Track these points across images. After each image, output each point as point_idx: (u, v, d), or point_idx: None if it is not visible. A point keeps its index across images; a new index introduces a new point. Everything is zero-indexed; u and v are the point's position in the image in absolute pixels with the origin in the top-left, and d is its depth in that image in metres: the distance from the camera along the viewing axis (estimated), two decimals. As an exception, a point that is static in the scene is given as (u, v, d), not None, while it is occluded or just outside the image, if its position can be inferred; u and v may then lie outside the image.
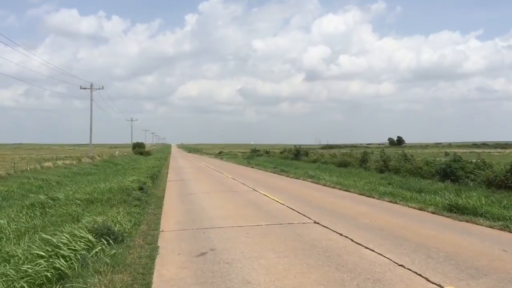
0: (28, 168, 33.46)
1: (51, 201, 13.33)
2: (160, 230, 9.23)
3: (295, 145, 56.41)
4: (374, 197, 14.21)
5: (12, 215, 11.54)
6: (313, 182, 20.12)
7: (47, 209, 12.46)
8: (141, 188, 15.81)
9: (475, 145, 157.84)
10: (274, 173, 27.91)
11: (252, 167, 35.25)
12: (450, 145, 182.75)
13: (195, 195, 15.62)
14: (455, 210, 10.91)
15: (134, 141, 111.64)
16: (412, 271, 5.89)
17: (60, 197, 13.96)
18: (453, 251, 6.96)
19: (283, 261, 6.52)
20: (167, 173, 29.66)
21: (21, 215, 11.57)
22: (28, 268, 5.08)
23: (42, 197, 14.40)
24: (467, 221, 9.80)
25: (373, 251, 7.01)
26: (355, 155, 36.67)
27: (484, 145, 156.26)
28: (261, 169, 31.88)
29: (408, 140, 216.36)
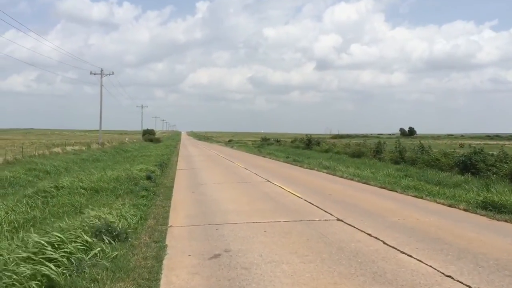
0: (36, 154, 32.97)
1: (54, 190, 12.61)
2: (169, 226, 8.42)
3: (306, 135, 55.19)
4: (396, 191, 13.28)
5: (12, 205, 10.82)
6: (329, 173, 19.21)
7: (50, 199, 11.73)
8: (149, 177, 15.04)
9: (488, 136, 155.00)
10: (287, 163, 27.03)
11: (263, 156, 34.38)
12: (462, 136, 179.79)
13: (206, 186, 14.81)
14: (490, 208, 9.96)
15: (145, 128, 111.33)
16: (464, 285, 4.99)
17: (64, 185, 13.23)
18: (503, 258, 6.04)
19: (309, 267, 5.66)
20: (176, 161, 28.92)
21: (20, 204, 10.84)
22: (9, 274, 4.26)
23: (46, 184, 13.69)
24: (506, 221, 8.85)
25: (411, 256, 6.12)
26: (369, 146, 35.76)
27: (497, 136, 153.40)
28: (273, 159, 31.00)
29: (419, 130, 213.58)
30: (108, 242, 6.16)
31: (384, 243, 6.89)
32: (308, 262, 5.88)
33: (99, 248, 5.70)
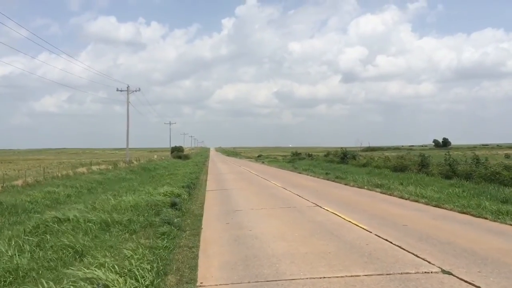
0: (59, 174, 31.24)
1: (55, 225, 10.17)
2: (198, 285, 5.77)
3: (341, 148, 52.00)
4: (487, 218, 10.31)
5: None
6: (384, 193, 16.26)
7: (50, 236, 9.29)
8: (174, 204, 12.46)
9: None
10: (327, 179, 24.14)
11: (299, 173, 31.51)
12: (498, 146, 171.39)
13: (242, 213, 12.13)
14: None
15: (173, 144, 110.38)
16: None
17: (70, 217, 10.79)
18: None
19: None
20: (206, 180, 26.44)
21: (13, 245, 8.44)
22: None
23: (48, 216, 11.31)
24: None
25: None
26: (412, 159, 32.76)
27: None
28: (311, 175, 28.11)
29: (452, 141, 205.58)
30: None
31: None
32: None
33: None
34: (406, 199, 14.47)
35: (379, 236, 8.36)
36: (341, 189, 18.73)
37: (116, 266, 5.92)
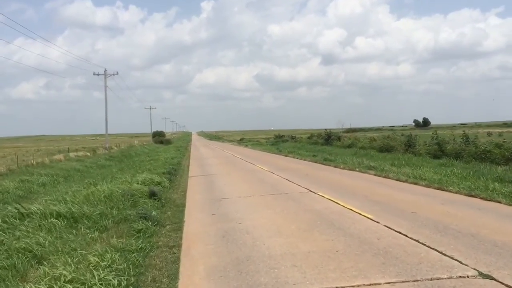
0: (34, 162, 29.53)
1: (17, 220, 8.80)
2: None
3: (325, 129, 51.01)
4: (500, 202, 9.34)
5: None
6: (379, 176, 15.24)
7: (5, 235, 7.94)
8: (153, 194, 11.15)
9: (505, 124, 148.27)
10: (315, 162, 23.07)
11: (285, 155, 30.39)
12: (476, 125, 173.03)
13: (229, 202, 10.90)
14: None
15: (154, 129, 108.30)
16: None
17: (33, 210, 9.40)
18: None
19: None
20: (188, 165, 25.09)
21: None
22: None
23: (9, 210, 9.90)
24: None
25: None
26: (398, 139, 32.20)
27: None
28: (297, 158, 27.00)
29: (431, 121, 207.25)
30: None
31: None
32: None
33: None
34: (403, 182, 13.47)
35: (389, 228, 7.25)
36: (331, 172, 17.64)
37: (73, 281, 4.65)
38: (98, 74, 53.55)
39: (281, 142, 58.72)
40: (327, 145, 40.63)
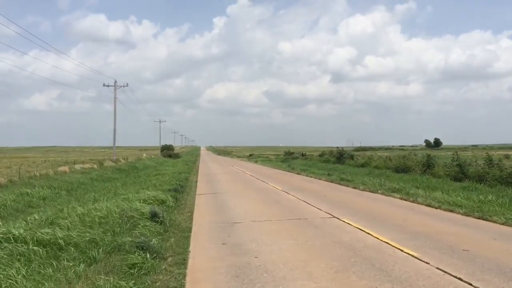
0: (37, 174, 28.40)
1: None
2: None
3: (337, 147, 49.51)
4: None
5: None
6: (405, 200, 13.77)
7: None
8: (154, 215, 9.77)
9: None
10: (331, 181, 21.60)
11: (297, 173, 28.93)
12: (488, 147, 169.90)
13: (242, 228, 9.48)
14: None
15: (163, 143, 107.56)
16: None
17: (16, 234, 8.07)
18: None
19: None
20: (196, 181, 23.73)
21: None
22: None
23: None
24: None
25: None
26: (415, 159, 30.66)
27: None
28: (311, 177, 25.53)
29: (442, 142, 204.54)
30: None
31: None
32: None
33: None
34: (436, 208, 11.98)
35: (445, 272, 5.79)
36: (352, 194, 16.15)
37: None
38: (108, 86, 52.92)
39: (290, 159, 57.36)
40: (339, 164, 39.22)
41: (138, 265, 6.08)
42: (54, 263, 6.31)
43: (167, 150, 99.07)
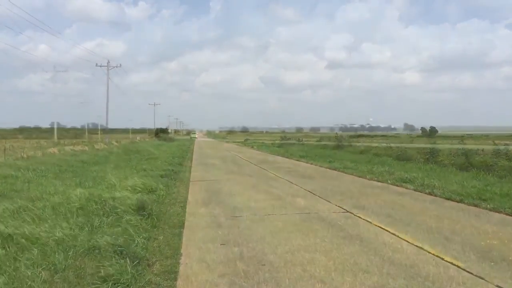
0: (24, 156, 26.97)
1: None
2: None
3: (336, 133, 48.42)
4: None
5: None
6: (420, 191, 12.49)
7: None
8: (141, 208, 8.39)
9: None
10: (335, 170, 20.26)
11: (297, 160, 27.53)
12: (484, 136, 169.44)
13: (243, 223, 8.11)
14: None
15: (158, 126, 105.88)
16: None
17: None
18: None
19: None
20: (190, 166, 22.35)
21: None
22: None
23: None
24: None
25: None
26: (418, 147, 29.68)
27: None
28: (310, 163, 24.21)
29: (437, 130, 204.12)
30: None
31: None
32: None
33: None
34: (458, 202, 10.70)
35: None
36: (360, 185, 14.79)
37: None
38: (100, 66, 51.24)
39: (287, 145, 56.21)
40: (338, 150, 38.06)
41: (113, 277, 4.70)
42: (10, 270, 4.92)
43: (161, 133, 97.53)
